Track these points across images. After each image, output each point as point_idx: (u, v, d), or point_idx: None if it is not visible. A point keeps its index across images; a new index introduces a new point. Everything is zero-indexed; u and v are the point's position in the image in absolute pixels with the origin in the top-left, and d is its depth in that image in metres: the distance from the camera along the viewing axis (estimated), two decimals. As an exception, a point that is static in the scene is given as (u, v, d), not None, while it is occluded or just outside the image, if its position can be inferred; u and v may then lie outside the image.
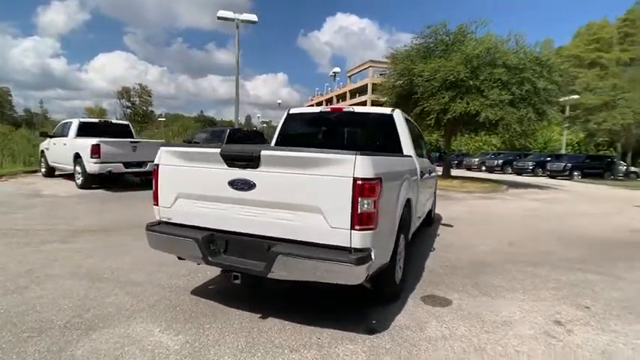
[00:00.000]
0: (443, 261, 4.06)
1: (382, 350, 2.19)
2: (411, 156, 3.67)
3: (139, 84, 64.34)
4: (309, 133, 4.62)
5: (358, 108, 4.33)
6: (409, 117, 4.50)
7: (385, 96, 15.46)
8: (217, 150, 2.38)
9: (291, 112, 4.45)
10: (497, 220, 7.19)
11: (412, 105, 13.27)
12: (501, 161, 25.35)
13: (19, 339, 2.17)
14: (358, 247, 2.12)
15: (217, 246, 2.46)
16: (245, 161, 2.30)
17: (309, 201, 2.18)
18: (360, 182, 2.06)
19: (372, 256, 2.15)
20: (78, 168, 8.53)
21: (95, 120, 10.86)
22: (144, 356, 2.04)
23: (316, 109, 4.60)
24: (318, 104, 54.62)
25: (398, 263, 2.83)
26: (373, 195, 2.11)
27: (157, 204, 2.68)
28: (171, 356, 2.05)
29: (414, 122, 5.03)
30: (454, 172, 17.48)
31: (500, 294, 3.18)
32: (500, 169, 24.77)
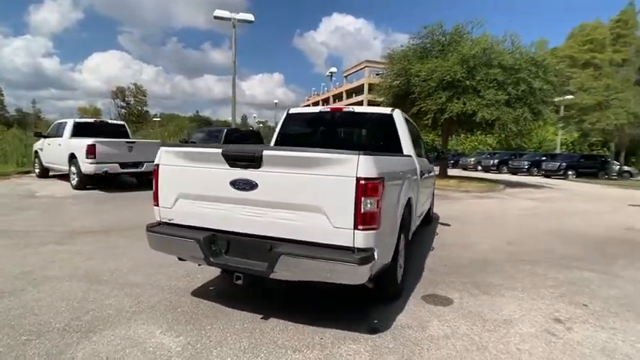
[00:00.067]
0: (443, 260, 4.08)
1: (385, 350, 2.19)
2: (411, 156, 3.68)
3: (134, 83, 63.67)
4: (308, 133, 4.60)
5: (358, 108, 4.32)
6: (408, 117, 4.51)
7: (382, 96, 15.51)
8: (219, 150, 2.36)
9: (290, 112, 4.43)
10: (494, 219, 7.23)
11: (409, 105, 13.30)
12: (497, 161, 25.51)
13: (18, 342, 2.14)
14: (361, 247, 2.12)
15: (219, 246, 2.45)
16: (247, 161, 2.29)
17: (311, 201, 2.17)
18: (363, 182, 2.06)
19: (375, 256, 2.15)
20: (73, 168, 8.45)
21: (91, 120, 10.74)
22: (146, 358, 2.02)
23: (316, 109, 4.59)
24: (314, 104, 54.74)
25: (399, 262, 2.84)
26: (376, 195, 2.11)
27: (158, 204, 2.66)
28: (173, 358, 2.03)
29: (413, 122, 5.04)
30: (450, 172, 17.55)
31: (500, 292, 3.20)
32: (495, 169, 24.94)
